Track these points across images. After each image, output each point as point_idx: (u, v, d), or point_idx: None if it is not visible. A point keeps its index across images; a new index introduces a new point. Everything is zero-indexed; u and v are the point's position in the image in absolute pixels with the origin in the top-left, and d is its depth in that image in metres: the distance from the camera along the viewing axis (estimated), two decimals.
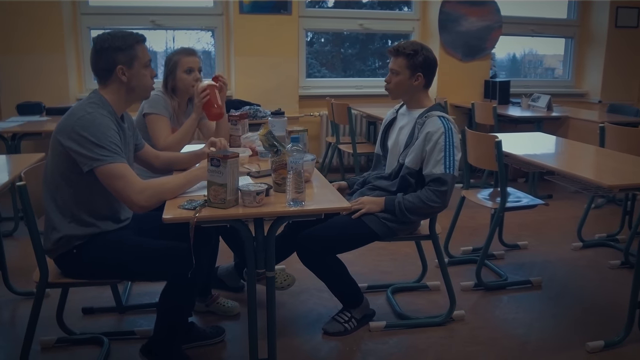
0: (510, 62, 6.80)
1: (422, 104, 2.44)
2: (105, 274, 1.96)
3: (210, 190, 1.76)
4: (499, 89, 5.31)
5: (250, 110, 4.09)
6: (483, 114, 4.86)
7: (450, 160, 2.28)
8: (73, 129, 1.84)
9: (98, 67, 1.98)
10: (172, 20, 5.30)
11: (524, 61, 6.87)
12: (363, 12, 5.76)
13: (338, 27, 5.79)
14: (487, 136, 2.84)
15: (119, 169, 1.82)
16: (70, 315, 2.63)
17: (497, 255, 3.38)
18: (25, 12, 4.57)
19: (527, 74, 6.84)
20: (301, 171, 1.71)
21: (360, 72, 6.16)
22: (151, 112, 2.59)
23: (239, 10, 5.11)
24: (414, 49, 2.35)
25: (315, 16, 5.58)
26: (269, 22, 5.17)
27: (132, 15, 5.19)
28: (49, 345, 2.37)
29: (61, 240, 1.93)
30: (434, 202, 2.28)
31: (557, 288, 2.95)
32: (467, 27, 5.43)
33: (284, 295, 2.84)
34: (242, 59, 5.22)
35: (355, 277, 3.06)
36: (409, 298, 2.86)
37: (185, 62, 2.66)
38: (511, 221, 3.96)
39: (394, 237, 2.42)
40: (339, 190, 2.58)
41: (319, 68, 6.07)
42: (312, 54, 6.01)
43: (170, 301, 1.99)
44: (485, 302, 2.82)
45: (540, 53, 6.85)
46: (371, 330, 2.51)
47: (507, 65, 6.77)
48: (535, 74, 6.92)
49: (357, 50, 6.27)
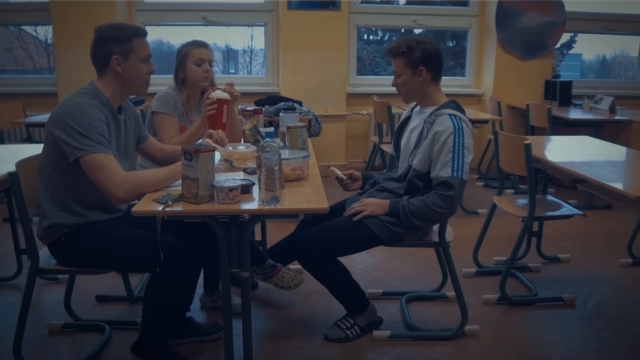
0: (600, 63, 6.39)
1: (434, 101, 2.28)
2: (90, 263, 1.97)
3: (184, 185, 1.72)
4: (559, 89, 4.95)
5: (284, 106, 4.04)
6: (538, 116, 4.54)
7: (458, 163, 2.11)
8: (62, 118, 1.85)
9: (95, 57, 1.99)
10: (224, 17, 5.37)
11: (614, 63, 6.41)
12: (417, 8, 5.56)
13: (391, 23, 5.63)
14: (517, 139, 2.62)
15: (100, 159, 1.82)
16: (85, 302, 2.71)
17: (532, 268, 3.13)
18: (81, 10, 4.78)
19: (618, 76, 6.37)
20: (274, 169, 1.63)
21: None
22: (159, 110, 2.59)
23: (287, 7, 5.09)
24: (409, 46, 2.21)
25: (367, 12, 5.45)
26: (316, 19, 5.11)
27: (185, 12, 5.31)
28: (55, 329, 2.44)
29: (50, 228, 1.96)
30: (440, 207, 2.12)
31: (592, 308, 2.68)
32: (526, 23, 5.10)
33: (295, 295, 2.77)
34: (289, 55, 5.20)
35: (373, 282, 2.97)
36: (424, 308, 2.70)
37: (196, 54, 2.64)
38: (556, 231, 3.68)
39: (400, 243, 2.28)
40: (350, 178, 2.48)
41: (386, 67, 5.89)
42: (380, 52, 5.84)
43: (153, 296, 1.97)
44: (507, 318, 2.60)
45: (632, 55, 6.37)
46: (374, 340, 2.38)
47: (595, 66, 6.36)
48: (626, 76, 6.43)
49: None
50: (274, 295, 2.81)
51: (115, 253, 1.93)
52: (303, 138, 2.18)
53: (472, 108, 4.99)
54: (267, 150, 1.63)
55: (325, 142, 5.33)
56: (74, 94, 1.95)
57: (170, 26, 5.53)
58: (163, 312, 2.01)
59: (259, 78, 5.58)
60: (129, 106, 2.20)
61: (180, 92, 2.67)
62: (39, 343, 2.35)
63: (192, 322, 2.39)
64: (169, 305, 2.02)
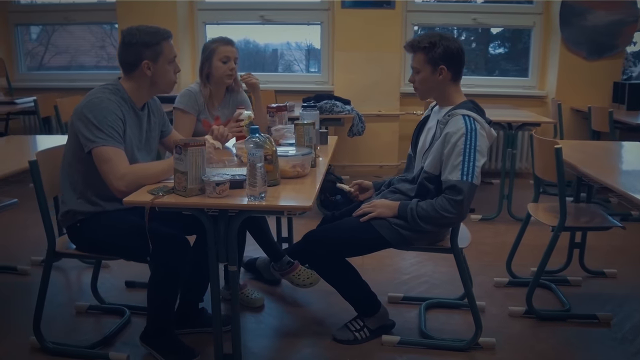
0: None
1: (451, 100, 2.19)
2: (95, 249, 2.07)
3: (175, 178, 1.76)
4: (628, 92, 4.58)
5: (326, 104, 4.03)
6: (600, 120, 4.23)
7: (469, 166, 2.01)
8: (82, 111, 1.96)
9: (125, 60, 2.07)
10: (281, 15, 5.44)
11: None
12: (478, 6, 5.35)
13: (449, 22, 5.46)
14: (549, 142, 2.46)
15: (108, 152, 1.90)
16: (116, 286, 2.85)
17: (571, 282, 2.92)
18: (143, 9, 5.02)
19: None
20: (257, 164, 1.62)
21: (504, 71, 5.64)
22: (178, 106, 2.67)
23: (341, 5, 5.07)
24: (431, 41, 2.11)
25: (423, 10, 5.32)
26: (370, 17, 5.05)
27: (243, 11, 5.43)
28: (82, 310, 2.59)
29: (68, 214, 2.08)
30: (448, 212, 2.03)
31: (629, 329, 2.46)
32: (593, 22, 4.76)
33: (313, 294, 2.76)
34: (342, 54, 5.18)
35: (399, 285, 2.90)
36: (445, 316, 2.60)
37: (222, 51, 2.68)
38: (607, 244, 3.42)
39: (410, 247, 2.21)
40: (359, 189, 2.43)
41: None
42: None
43: (151, 286, 2.04)
44: (531, 333, 2.45)
45: None
46: (383, 344, 2.32)
47: None
48: None
49: (506, 49, 5.76)
50: (294, 292, 2.82)
51: (111, 240, 2.01)
52: (310, 135, 2.16)
53: (533, 110, 4.73)
54: (251, 145, 1.63)
55: (377, 142, 5.28)
56: (97, 88, 2.05)
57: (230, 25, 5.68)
58: (162, 302, 2.08)
59: (315, 76, 5.61)
60: (154, 101, 2.29)
61: (204, 86, 2.73)
62: (64, 321, 2.51)
63: (205, 313, 2.44)
64: (166, 295, 2.08)
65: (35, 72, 5.84)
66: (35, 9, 5.65)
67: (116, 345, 2.30)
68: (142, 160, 2.10)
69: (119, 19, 5.11)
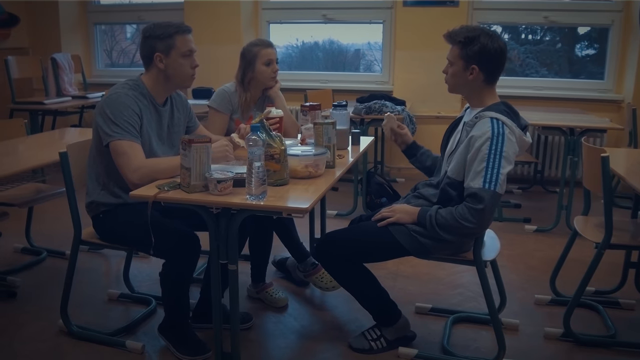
0: None
1: (483, 101, 2.05)
2: (113, 240, 2.13)
3: (181, 173, 1.77)
4: None
5: (375, 104, 3.93)
6: None
7: (492, 173, 1.87)
8: (102, 106, 2.03)
9: (142, 54, 2.15)
10: (343, 14, 5.39)
11: None
12: (549, 3, 5.02)
13: (518, 20, 5.17)
14: (596, 150, 2.25)
15: (124, 146, 1.95)
16: (150, 277, 2.94)
17: (622, 305, 2.66)
18: (208, 8, 5.15)
19: None
20: (254, 164, 1.59)
21: (591, 74, 5.24)
22: (212, 105, 2.69)
23: (403, 4, 4.95)
24: (469, 36, 1.97)
25: (490, 8, 5.07)
26: (433, 15, 4.88)
27: (306, 10, 5.44)
28: (113, 297, 2.69)
29: (92, 204, 2.16)
30: (468, 222, 1.90)
31: None
32: None
33: (340, 298, 2.70)
34: (403, 53, 5.05)
35: (430, 296, 2.76)
36: (472, 332, 2.45)
37: (265, 54, 2.67)
38: None
39: (430, 256, 2.09)
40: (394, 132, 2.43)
41: (538, 68, 5.40)
42: (533, 52, 5.39)
43: (164, 283, 2.08)
44: (565, 358, 2.25)
45: None
46: (399, 357, 2.23)
47: None
48: None
49: (594, 49, 5.34)
50: (321, 295, 2.77)
51: (128, 233, 2.07)
52: (329, 135, 2.10)
53: (606, 116, 4.37)
54: (250, 144, 1.61)
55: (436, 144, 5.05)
56: (119, 84, 2.12)
57: (293, 24, 5.71)
58: (173, 297, 2.11)
59: (376, 76, 5.52)
60: (179, 96, 2.34)
61: (243, 91, 2.70)
62: (95, 307, 2.61)
63: (224, 309, 2.44)
64: (176, 290, 2.11)
65: (110, 69, 6.17)
66: (112, 9, 5.96)
67: (137, 334, 2.37)
68: (163, 155, 2.14)
69: (186, 18, 5.27)
